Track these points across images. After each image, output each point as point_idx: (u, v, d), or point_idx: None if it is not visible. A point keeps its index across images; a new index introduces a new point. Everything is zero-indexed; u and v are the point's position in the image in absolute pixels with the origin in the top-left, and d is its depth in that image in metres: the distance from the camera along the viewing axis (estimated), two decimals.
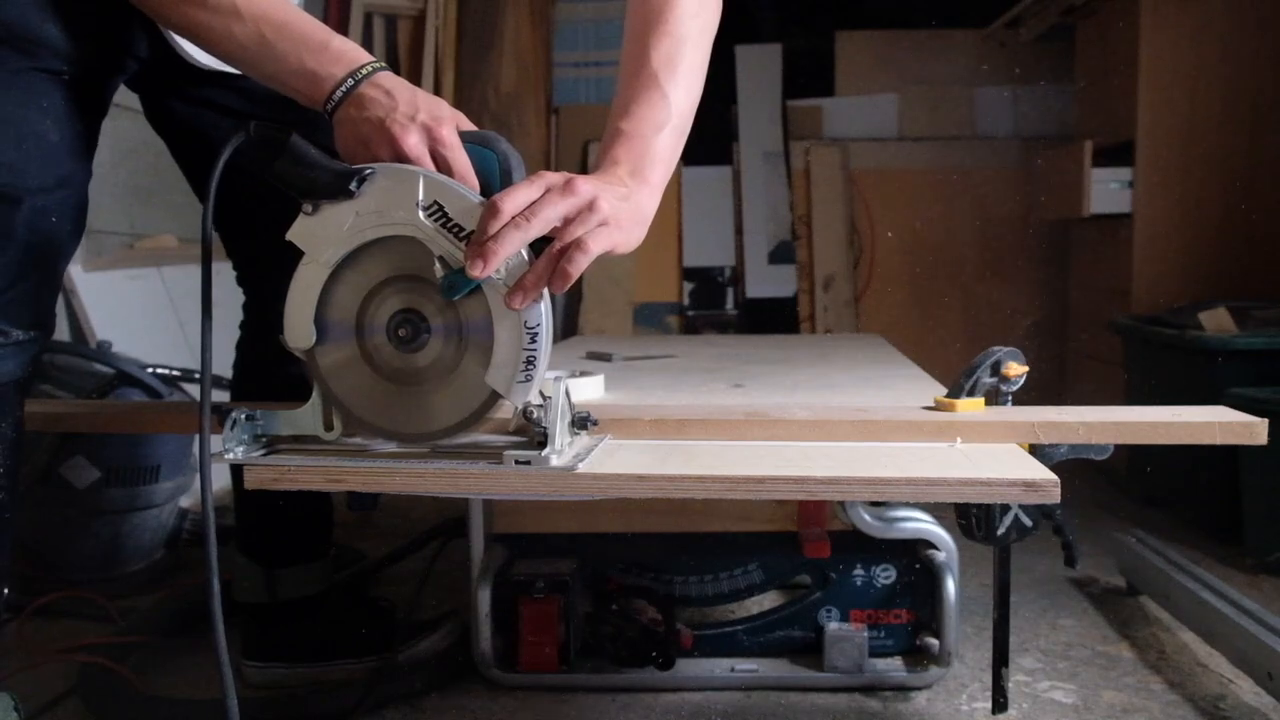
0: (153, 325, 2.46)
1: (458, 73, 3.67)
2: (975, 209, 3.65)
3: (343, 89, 1.02)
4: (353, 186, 0.97)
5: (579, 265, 0.95)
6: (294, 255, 1.00)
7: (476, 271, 0.93)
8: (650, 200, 1.07)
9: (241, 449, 1.01)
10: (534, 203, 0.95)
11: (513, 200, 0.95)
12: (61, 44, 1.14)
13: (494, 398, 0.99)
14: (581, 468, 0.96)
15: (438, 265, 0.96)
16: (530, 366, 0.97)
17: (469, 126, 1.03)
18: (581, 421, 1.05)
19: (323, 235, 0.98)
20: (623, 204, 1.01)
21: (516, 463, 0.96)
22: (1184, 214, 2.86)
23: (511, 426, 1.01)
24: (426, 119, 1.00)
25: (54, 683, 1.58)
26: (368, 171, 0.97)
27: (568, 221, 0.96)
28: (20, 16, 1.11)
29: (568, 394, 1.01)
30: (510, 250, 0.94)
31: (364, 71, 1.03)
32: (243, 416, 1.02)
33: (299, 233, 0.99)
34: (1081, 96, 3.35)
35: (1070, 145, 3.13)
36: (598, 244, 0.96)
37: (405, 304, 1.00)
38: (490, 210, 0.94)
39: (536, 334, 0.96)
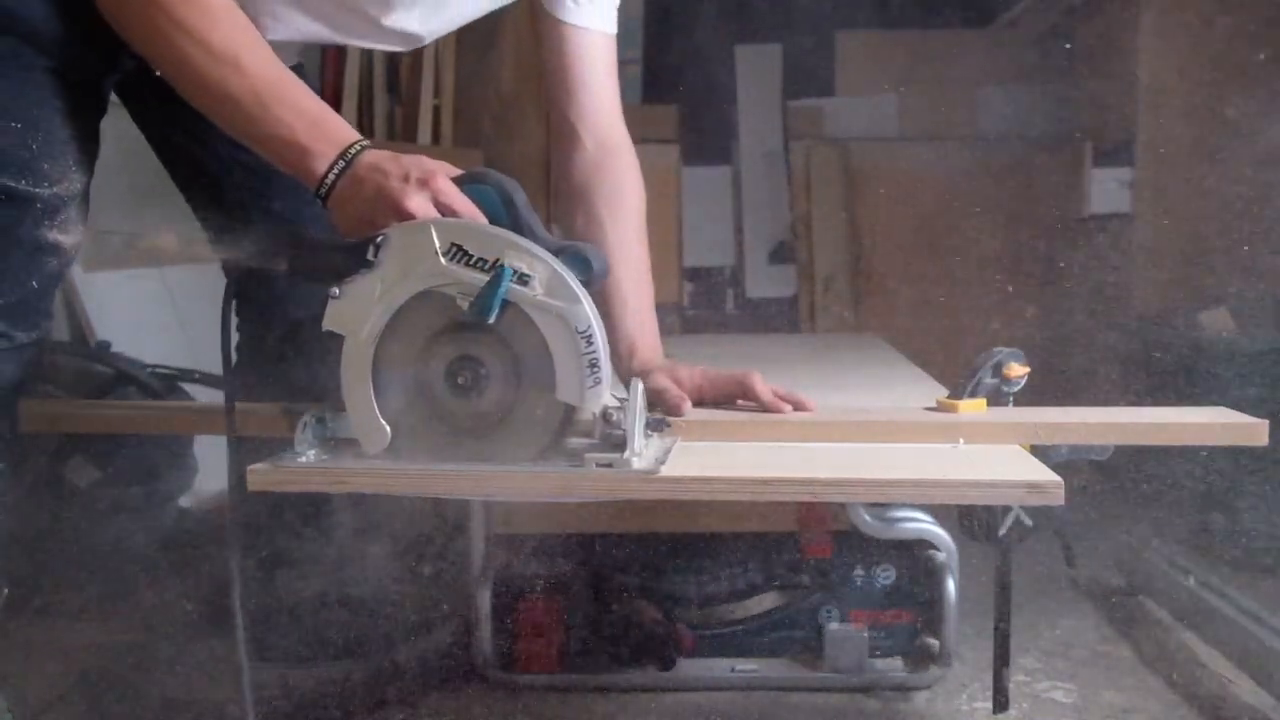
0: (153, 325, 2.46)
1: (458, 73, 3.66)
2: (975, 209, 3.64)
3: (335, 172, 1.02)
4: (371, 256, 0.97)
5: None
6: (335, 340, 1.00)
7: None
8: None
9: (313, 452, 1.02)
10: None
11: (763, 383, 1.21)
12: (71, 42, 1.13)
13: (570, 411, 0.99)
14: (664, 470, 0.96)
15: (459, 300, 0.97)
16: (595, 369, 0.97)
17: (456, 172, 1.04)
18: (656, 424, 1.05)
19: (356, 313, 0.98)
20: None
21: (597, 465, 0.96)
22: (1184, 214, 2.86)
23: (595, 433, 1.00)
24: (419, 176, 1.01)
25: (54, 683, 1.57)
26: (380, 238, 0.97)
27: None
28: (34, 14, 1.10)
29: (644, 396, 1.01)
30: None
31: (353, 151, 1.03)
32: (314, 419, 1.03)
33: (333, 318, 0.99)
34: (1081, 96, 3.35)
35: (1070, 145, 3.13)
36: None
37: (458, 352, 0.99)
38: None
39: (590, 336, 0.97)
